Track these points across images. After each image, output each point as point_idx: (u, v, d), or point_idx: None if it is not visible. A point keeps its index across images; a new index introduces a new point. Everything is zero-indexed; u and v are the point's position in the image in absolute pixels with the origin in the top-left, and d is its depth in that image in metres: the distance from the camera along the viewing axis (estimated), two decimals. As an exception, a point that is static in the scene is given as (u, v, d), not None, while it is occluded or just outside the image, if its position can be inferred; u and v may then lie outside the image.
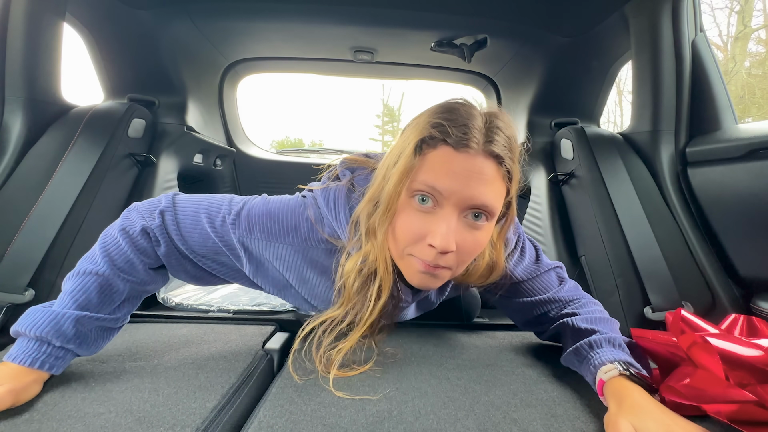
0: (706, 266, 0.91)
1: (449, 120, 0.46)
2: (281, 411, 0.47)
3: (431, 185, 0.46)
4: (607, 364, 0.50)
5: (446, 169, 0.45)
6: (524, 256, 0.66)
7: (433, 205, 0.47)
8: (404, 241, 0.48)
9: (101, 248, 0.56)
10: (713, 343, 0.47)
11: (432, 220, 0.46)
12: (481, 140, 0.46)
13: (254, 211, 0.57)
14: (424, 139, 0.47)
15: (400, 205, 0.48)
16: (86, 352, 0.54)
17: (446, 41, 1.39)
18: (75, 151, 0.99)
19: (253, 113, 2.26)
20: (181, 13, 1.25)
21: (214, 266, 0.61)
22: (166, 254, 0.57)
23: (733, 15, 4.83)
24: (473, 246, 0.49)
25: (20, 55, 0.95)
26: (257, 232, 0.56)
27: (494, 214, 0.49)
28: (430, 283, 0.50)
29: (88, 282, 0.53)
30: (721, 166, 0.90)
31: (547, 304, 0.66)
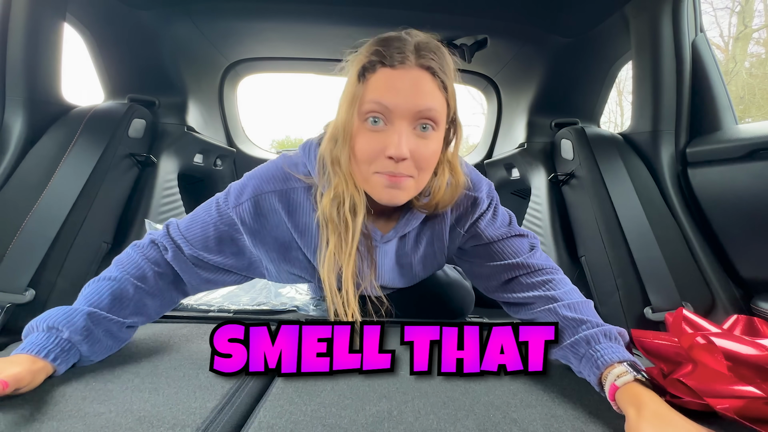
0: (707, 267, 0.91)
1: (383, 46, 0.52)
2: (281, 411, 0.47)
3: (377, 101, 0.51)
4: (615, 366, 0.49)
5: (388, 86, 0.51)
6: (496, 218, 0.69)
7: (383, 123, 0.52)
8: (366, 160, 0.53)
9: (115, 262, 0.62)
10: (716, 342, 0.47)
11: (385, 135, 0.52)
12: (413, 56, 0.52)
13: (240, 181, 0.64)
14: (365, 65, 0.52)
15: (355, 131, 0.53)
16: (89, 352, 0.54)
17: (447, 41, 1.39)
18: (75, 151, 0.99)
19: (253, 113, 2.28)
20: (181, 13, 1.25)
21: (219, 260, 0.64)
22: (174, 258, 0.62)
23: (733, 15, 4.83)
24: (427, 153, 0.53)
25: (21, 55, 0.95)
26: (246, 194, 0.61)
27: (439, 122, 0.54)
28: (398, 195, 0.54)
29: (101, 286, 0.58)
30: (722, 166, 0.90)
31: (517, 268, 0.66)
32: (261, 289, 1.14)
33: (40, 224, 0.86)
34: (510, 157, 1.60)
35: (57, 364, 0.50)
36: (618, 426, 0.46)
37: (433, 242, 0.69)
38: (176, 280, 0.65)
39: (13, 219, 0.85)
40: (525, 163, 1.48)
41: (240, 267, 0.67)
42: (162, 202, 1.24)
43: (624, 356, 0.50)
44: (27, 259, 0.82)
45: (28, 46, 0.96)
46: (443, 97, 0.54)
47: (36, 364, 0.49)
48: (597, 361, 0.51)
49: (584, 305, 0.60)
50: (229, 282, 0.70)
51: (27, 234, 0.84)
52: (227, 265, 0.65)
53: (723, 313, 0.86)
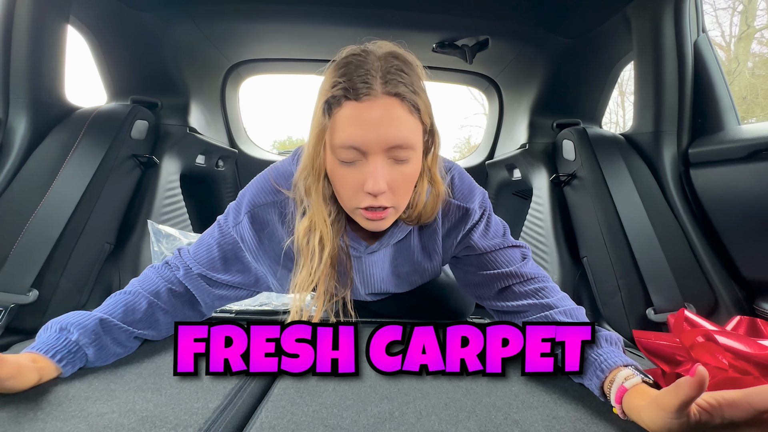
0: (709, 268, 0.90)
1: (345, 75, 0.49)
2: (283, 412, 0.47)
3: (348, 144, 0.49)
4: (621, 369, 0.48)
5: (356, 123, 0.48)
6: (489, 228, 0.68)
7: (358, 158, 0.50)
8: (347, 196, 0.53)
9: (132, 281, 0.65)
10: (719, 340, 0.47)
11: (361, 170, 0.51)
12: (379, 85, 0.48)
13: (236, 199, 0.66)
14: (328, 100, 0.50)
15: (331, 168, 0.53)
16: (95, 357, 0.54)
17: (448, 42, 1.39)
18: (78, 152, 0.99)
19: (255, 114, 2.28)
20: (183, 15, 1.26)
21: (226, 278, 0.67)
22: (185, 276, 0.65)
23: (736, 15, 4.81)
24: (404, 181, 0.53)
25: (25, 57, 0.96)
26: (243, 211, 0.63)
27: (415, 147, 0.52)
28: (380, 225, 0.55)
29: (117, 299, 0.60)
30: (724, 167, 0.90)
31: (510, 277, 0.65)
32: (263, 290, 1.14)
33: (43, 225, 0.87)
34: (511, 157, 1.60)
35: (62, 365, 0.51)
36: (619, 427, 0.46)
37: (426, 251, 0.70)
38: (191, 300, 0.67)
39: (17, 220, 0.85)
40: (526, 163, 1.48)
41: (247, 283, 0.69)
42: (164, 203, 1.24)
43: (627, 360, 0.49)
44: (30, 259, 0.83)
45: (32, 47, 0.97)
46: (416, 118, 0.52)
47: (37, 362, 0.49)
48: (601, 364, 0.49)
49: (578, 311, 0.60)
50: (240, 297, 0.72)
51: (30, 235, 0.85)
52: (235, 282, 0.68)
53: (726, 314, 0.86)
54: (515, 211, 1.71)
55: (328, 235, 0.57)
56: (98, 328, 0.54)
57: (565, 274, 1.16)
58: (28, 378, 0.47)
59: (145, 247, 1.11)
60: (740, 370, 0.45)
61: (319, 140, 0.52)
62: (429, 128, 0.55)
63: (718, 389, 0.37)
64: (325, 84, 0.52)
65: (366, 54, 0.51)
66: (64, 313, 0.56)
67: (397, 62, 0.51)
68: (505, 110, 1.81)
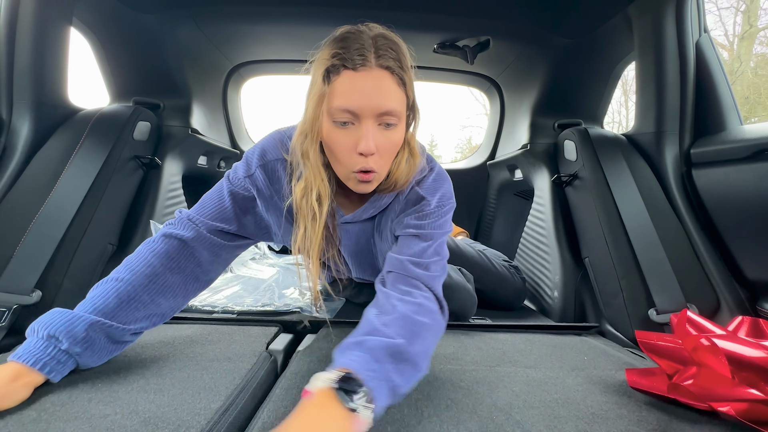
0: (712, 268, 0.90)
1: (344, 48, 0.55)
2: (285, 412, 0.47)
3: (345, 108, 0.55)
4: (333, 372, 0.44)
5: (352, 90, 0.54)
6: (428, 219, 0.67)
7: (352, 122, 0.56)
8: (343, 159, 0.58)
9: (125, 262, 0.61)
10: (719, 345, 0.47)
11: (354, 133, 0.56)
12: (373, 57, 0.55)
13: (244, 157, 0.69)
14: (328, 68, 0.55)
15: (327, 131, 0.58)
16: (89, 361, 0.54)
17: (449, 43, 1.39)
18: (81, 153, 1.00)
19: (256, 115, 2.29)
20: (185, 16, 1.26)
21: (234, 228, 0.69)
22: (192, 234, 0.64)
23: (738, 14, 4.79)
24: (390, 146, 0.59)
25: (28, 59, 0.96)
26: (254, 164, 0.67)
27: (400, 116, 0.58)
28: (367, 187, 0.62)
29: (107, 288, 0.56)
30: (726, 167, 0.90)
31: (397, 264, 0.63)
32: (265, 291, 1.14)
33: (46, 226, 0.87)
34: (513, 158, 1.60)
35: (51, 376, 0.50)
36: (621, 427, 0.46)
37: (385, 226, 0.73)
38: (194, 270, 0.65)
39: (21, 221, 0.86)
40: (528, 164, 1.48)
41: (255, 233, 0.73)
42: (166, 204, 1.25)
43: (349, 366, 0.45)
44: (34, 260, 0.83)
45: (36, 49, 0.97)
46: (402, 92, 0.58)
47: (23, 377, 0.47)
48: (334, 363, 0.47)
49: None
50: (247, 245, 0.75)
51: (34, 236, 0.85)
52: (244, 232, 0.71)
53: (728, 314, 0.85)
54: (517, 211, 1.71)
55: (325, 191, 0.61)
56: (89, 334, 0.52)
57: (566, 275, 1.16)
58: (16, 397, 0.46)
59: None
60: (742, 378, 0.45)
61: (319, 105, 0.57)
62: (412, 103, 0.61)
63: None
64: (323, 54, 0.57)
65: (360, 32, 0.57)
66: None
67: (386, 41, 0.57)
68: (507, 111, 1.81)
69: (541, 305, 1.25)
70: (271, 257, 1.63)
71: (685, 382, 0.48)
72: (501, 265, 1.15)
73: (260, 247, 1.59)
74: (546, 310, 1.22)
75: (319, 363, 0.61)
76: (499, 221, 1.84)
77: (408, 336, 0.50)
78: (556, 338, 0.78)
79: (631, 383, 0.55)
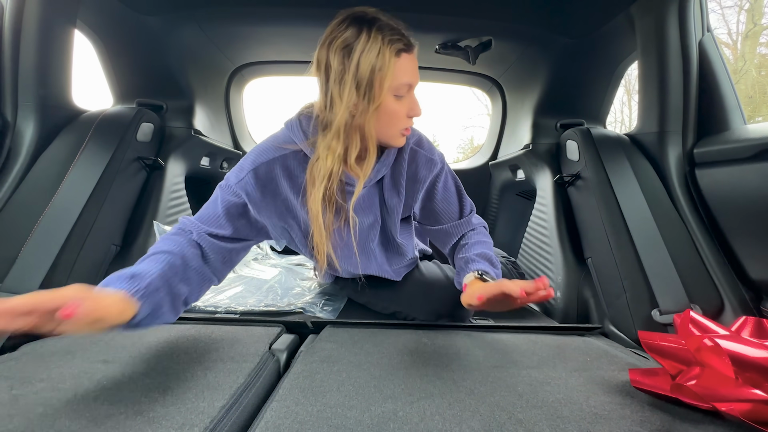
0: (715, 268, 0.90)
1: (398, 34, 0.66)
2: (287, 412, 0.47)
3: (408, 83, 0.69)
4: (469, 273, 0.75)
5: (410, 69, 0.69)
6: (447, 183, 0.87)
7: (406, 93, 0.71)
8: (399, 121, 0.71)
9: (153, 248, 0.68)
10: (722, 345, 0.47)
11: (407, 102, 0.71)
12: (412, 42, 0.69)
13: (237, 164, 0.75)
14: (396, 52, 0.66)
15: (387, 103, 0.68)
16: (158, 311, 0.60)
17: (451, 44, 1.39)
18: (85, 155, 1.01)
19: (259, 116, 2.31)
20: (188, 18, 1.27)
21: (229, 233, 0.74)
22: (198, 236, 0.71)
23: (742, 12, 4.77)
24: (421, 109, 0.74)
25: (33, 61, 0.97)
26: (246, 169, 0.72)
27: None
28: (404, 140, 0.76)
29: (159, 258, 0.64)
30: (730, 167, 0.90)
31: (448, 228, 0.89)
32: (267, 291, 1.15)
33: (51, 227, 0.88)
34: (515, 158, 1.60)
35: (141, 305, 0.55)
36: (624, 427, 0.45)
37: (395, 187, 0.82)
38: (202, 269, 0.71)
39: (25, 222, 0.87)
40: (530, 164, 1.48)
41: (251, 234, 0.78)
42: (169, 205, 1.25)
43: (480, 268, 0.76)
44: (38, 261, 0.84)
45: (40, 52, 0.98)
46: None
47: (126, 298, 0.53)
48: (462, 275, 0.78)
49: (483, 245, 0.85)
50: (249, 246, 0.81)
51: (38, 236, 0.86)
52: (241, 235, 0.76)
53: (732, 315, 0.85)
54: (519, 211, 1.71)
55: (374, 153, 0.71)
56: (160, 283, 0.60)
57: (569, 275, 1.16)
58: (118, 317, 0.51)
59: (150, 248, 1.12)
60: (746, 378, 0.45)
61: (390, 82, 0.66)
62: None
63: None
64: (381, 37, 0.64)
65: (387, 17, 0.68)
66: None
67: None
68: (509, 111, 1.81)
69: (544, 306, 1.25)
70: (274, 258, 1.64)
71: (689, 383, 0.47)
72: (499, 263, 1.14)
73: (263, 247, 1.60)
74: (549, 310, 1.21)
75: (321, 363, 0.61)
76: (501, 221, 1.84)
77: (489, 249, 0.84)
78: (558, 339, 0.78)
79: (634, 383, 0.55)
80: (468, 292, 0.67)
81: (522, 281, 0.58)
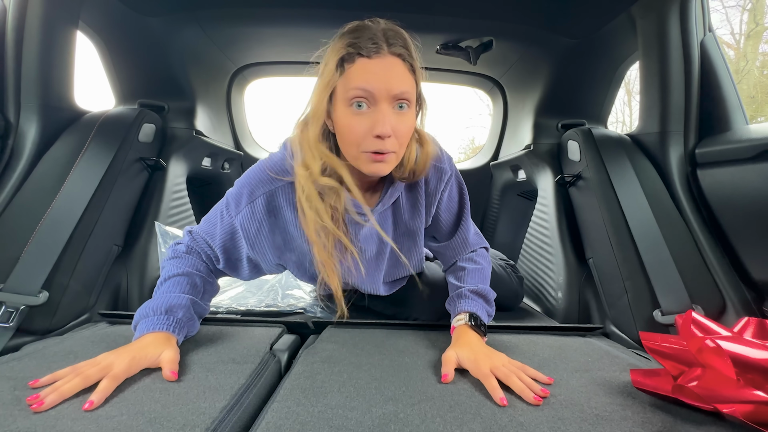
0: (717, 269, 0.89)
1: (357, 38, 0.58)
2: (288, 412, 0.47)
3: (361, 87, 0.56)
4: (460, 314, 0.71)
5: (368, 73, 0.57)
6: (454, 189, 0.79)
7: (367, 106, 0.58)
8: (356, 140, 0.59)
9: (169, 264, 0.70)
10: (723, 347, 0.47)
11: (371, 117, 0.58)
12: (385, 46, 0.58)
13: (235, 190, 0.70)
14: (343, 57, 0.58)
15: (341, 118, 0.59)
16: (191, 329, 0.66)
17: (452, 44, 1.39)
18: (87, 155, 1.01)
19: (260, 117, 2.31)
20: (190, 19, 1.27)
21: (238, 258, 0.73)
22: (207, 261, 0.73)
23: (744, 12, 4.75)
24: (405, 129, 0.60)
25: (35, 62, 0.98)
26: (243, 201, 0.67)
27: (412, 101, 0.60)
28: (382, 168, 0.61)
29: (179, 281, 0.67)
30: (732, 167, 0.89)
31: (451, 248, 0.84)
32: (268, 291, 1.15)
33: (53, 227, 0.88)
34: (516, 158, 1.60)
35: (178, 337, 0.61)
36: (625, 428, 0.45)
37: (414, 209, 0.76)
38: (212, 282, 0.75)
39: (28, 222, 0.87)
40: (531, 164, 1.47)
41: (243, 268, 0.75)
42: (171, 206, 1.26)
43: (468, 308, 0.72)
44: (41, 261, 0.84)
45: (42, 53, 0.99)
46: (413, 78, 0.61)
47: (171, 340, 0.59)
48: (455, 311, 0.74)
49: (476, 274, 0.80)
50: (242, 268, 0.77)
51: (41, 237, 0.86)
52: (232, 267, 0.75)
53: (734, 316, 0.85)
54: (520, 212, 1.70)
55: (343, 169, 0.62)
56: (190, 306, 0.65)
57: (570, 276, 1.16)
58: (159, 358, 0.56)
59: (152, 248, 1.12)
60: (748, 380, 0.45)
61: (326, 91, 0.59)
62: (419, 93, 0.64)
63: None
64: (336, 45, 0.59)
65: (369, 25, 0.60)
66: (72, 314, 0.58)
67: (395, 32, 0.60)
68: (510, 111, 1.81)
69: (545, 306, 1.25)
70: (275, 258, 1.64)
71: (690, 384, 0.47)
72: (498, 265, 1.14)
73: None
74: (550, 311, 1.21)
75: (322, 363, 0.61)
76: (502, 222, 1.84)
77: (484, 281, 0.79)
78: (559, 339, 0.78)
79: (635, 384, 0.55)
80: (448, 357, 0.61)
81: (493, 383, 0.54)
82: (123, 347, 0.56)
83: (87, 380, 0.49)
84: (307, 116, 0.63)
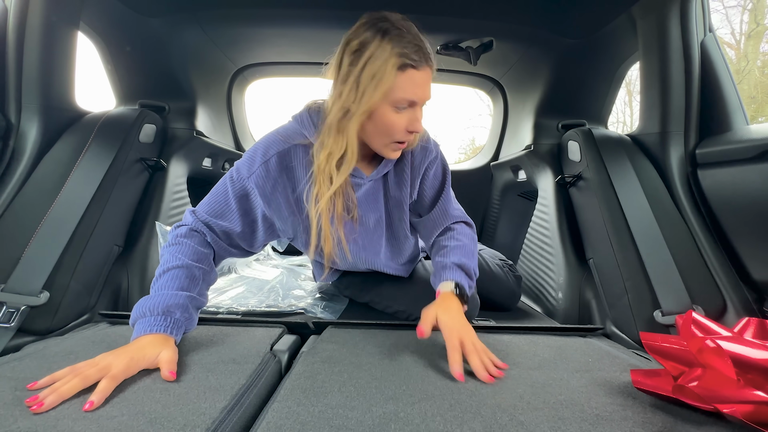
0: (718, 269, 0.89)
1: (408, 48, 0.64)
2: (289, 412, 0.47)
3: (409, 99, 0.67)
4: (446, 281, 0.75)
5: (416, 86, 0.67)
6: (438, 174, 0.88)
7: (408, 107, 0.69)
8: (393, 134, 0.70)
9: (169, 252, 0.71)
10: (724, 347, 0.47)
11: (406, 116, 0.69)
12: (427, 60, 0.67)
13: (246, 156, 0.75)
14: (399, 66, 0.65)
15: (384, 114, 0.68)
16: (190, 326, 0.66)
17: (452, 44, 1.39)
18: (88, 156, 1.01)
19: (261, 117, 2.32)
20: (190, 20, 1.28)
21: (236, 228, 0.76)
22: (212, 241, 0.75)
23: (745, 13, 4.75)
24: (422, 126, 0.73)
25: (36, 62, 0.98)
26: (257, 162, 0.73)
27: None
28: (398, 153, 0.75)
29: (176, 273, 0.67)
30: (732, 167, 0.89)
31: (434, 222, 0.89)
32: (269, 292, 1.15)
33: (54, 228, 0.88)
34: (517, 158, 1.60)
35: (176, 337, 0.61)
36: (626, 429, 0.45)
37: (399, 183, 0.84)
38: (216, 264, 0.77)
39: (29, 223, 0.87)
40: (532, 164, 1.47)
41: (257, 231, 0.79)
42: (172, 206, 1.26)
43: (455, 278, 0.75)
44: (42, 262, 0.84)
45: (43, 53, 0.99)
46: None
47: (168, 340, 0.60)
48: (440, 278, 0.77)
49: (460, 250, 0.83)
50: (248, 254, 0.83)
51: (42, 237, 0.86)
52: (250, 227, 0.78)
53: (735, 316, 0.85)
54: (520, 212, 1.70)
55: (353, 157, 0.70)
56: (188, 303, 0.65)
57: (571, 276, 1.16)
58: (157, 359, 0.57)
59: (153, 248, 1.12)
60: (748, 380, 0.45)
61: (385, 94, 0.66)
62: None
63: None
64: (384, 49, 0.64)
65: (408, 27, 0.67)
66: (73, 315, 0.58)
67: (424, 39, 0.68)
68: (510, 111, 1.81)
69: (546, 307, 1.25)
70: (275, 258, 1.64)
71: (690, 384, 0.47)
72: (495, 265, 1.15)
73: (264, 248, 1.60)
74: (550, 311, 1.21)
75: (323, 363, 0.61)
76: (502, 222, 1.83)
77: (469, 257, 0.81)
78: (560, 340, 0.78)
79: (636, 384, 0.55)
80: (428, 315, 0.67)
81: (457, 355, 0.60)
82: (121, 348, 0.56)
83: (86, 381, 0.49)
84: (352, 106, 0.67)
